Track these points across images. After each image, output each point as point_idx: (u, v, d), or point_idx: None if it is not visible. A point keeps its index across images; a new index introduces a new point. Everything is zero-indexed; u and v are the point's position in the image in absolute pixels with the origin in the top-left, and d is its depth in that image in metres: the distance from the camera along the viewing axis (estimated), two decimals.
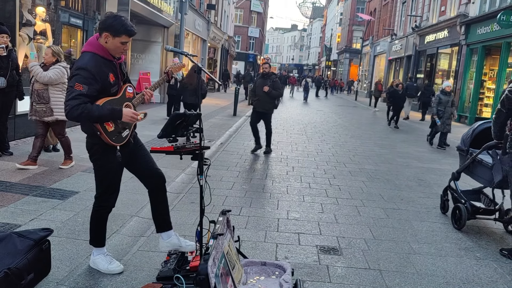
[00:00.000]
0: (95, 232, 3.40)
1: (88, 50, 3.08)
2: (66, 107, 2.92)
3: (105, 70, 3.08)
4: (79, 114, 2.92)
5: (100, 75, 3.03)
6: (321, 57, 76.62)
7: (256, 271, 3.38)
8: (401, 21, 31.14)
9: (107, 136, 3.11)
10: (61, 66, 6.03)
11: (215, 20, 29.01)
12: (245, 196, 5.81)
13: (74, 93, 2.91)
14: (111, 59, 3.16)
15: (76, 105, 2.90)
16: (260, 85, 8.55)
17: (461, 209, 4.94)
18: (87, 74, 2.96)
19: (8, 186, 5.15)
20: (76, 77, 2.96)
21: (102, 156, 3.24)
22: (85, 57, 3.05)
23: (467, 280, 3.77)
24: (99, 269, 3.36)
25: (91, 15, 11.36)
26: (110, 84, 3.12)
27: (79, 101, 2.91)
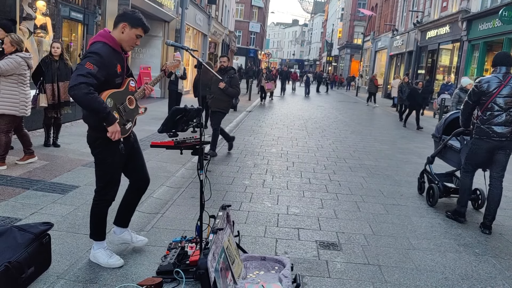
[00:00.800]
0: (95, 226, 3.42)
1: (99, 40, 3.17)
2: (75, 80, 2.92)
3: (114, 60, 3.18)
4: (84, 94, 2.91)
5: (110, 63, 3.12)
6: (322, 52, 76.46)
7: (255, 266, 3.39)
8: (402, 16, 31.03)
9: None
10: (19, 56, 5.54)
11: (216, 14, 28.93)
12: (245, 191, 5.82)
13: (84, 70, 2.95)
14: (120, 51, 3.26)
15: (86, 83, 2.92)
16: (216, 81, 7.57)
17: (434, 189, 5.72)
18: (99, 58, 3.04)
19: (8, 180, 5.17)
20: (88, 58, 3.03)
21: (105, 150, 3.26)
22: (97, 45, 3.14)
23: (466, 276, 3.78)
24: (99, 263, 3.38)
25: (92, 9, 11.34)
26: (116, 74, 3.21)
27: (88, 79, 2.93)
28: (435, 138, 6.30)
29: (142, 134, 8.05)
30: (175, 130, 3.26)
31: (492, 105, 4.81)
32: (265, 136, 10.64)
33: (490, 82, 4.82)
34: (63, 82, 6.78)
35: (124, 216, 3.65)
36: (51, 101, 6.74)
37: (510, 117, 4.78)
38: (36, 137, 7.67)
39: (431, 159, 6.19)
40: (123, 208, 3.64)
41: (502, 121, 4.78)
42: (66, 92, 6.83)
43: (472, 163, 5.17)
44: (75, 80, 2.92)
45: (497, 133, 4.79)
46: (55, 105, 6.83)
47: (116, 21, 3.25)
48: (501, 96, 4.76)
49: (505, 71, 4.85)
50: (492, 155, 4.94)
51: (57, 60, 6.73)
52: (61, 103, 6.90)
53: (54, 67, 6.68)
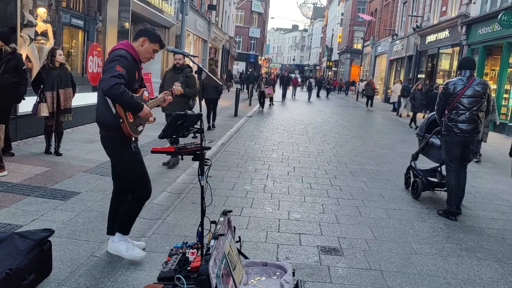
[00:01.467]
0: (127, 221, 3.63)
1: (121, 48, 3.46)
2: (110, 81, 3.19)
3: (134, 67, 3.49)
4: (121, 92, 3.22)
5: (131, 69, 3.42)
6: (322, 57, 76.62)
7: (257, 272, 3.38)
8: (402, 21, 31.12)
9: (127, 125, 3.38)
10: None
11: (216, 20, 29.03)
12: (246, 196, 5.82)
13: (116, 72, 3.24)
14: (138, 61, 3.57)
15: (120, 83, 3.22)
16: (170, 80, 6.77)
17: (418, 183, 6.21)
18: (126, 62, 3.36)
19: (9, 186, 5.16)
20: (117, 61, 3.31)
21: (124, 149, 3.48)
22: (121, 51, 3.42)
23: (468, 280, 3.77)
24: (121, 254, 3.57)
25: (92, 16, 11.38)
26: (135, 80, 3.52)
27: (121, 80, 3.23)
28: (419, 136, 6.84)
29: (143, 139, 8.05)
30: (175, 136, 3.27)
31: (457, 105, 5.36)
32: (265, 141, 10.64)
33: (456, 84, 5.40)
34: (63, 89, 6.73)
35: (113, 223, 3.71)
36: (51, 109, 6.67)
37: (473, 116, 5.32)
38: (37, 143, 7.68)
39: (415, 156, 6.66)
40: (115, 214, 3.72)
41: (466, 119, 5.33)
42: (66, 100, 6.80)
43: (452, 160, 5.53)
44: (110, 81, 3.20)
45: (461, 129, 5.34)
46: (54, 113, 6.74)
47: (137, 35, 3.58)
48: (465, 96, 5.33)
49: (469, 74, 5.42)
50: (464, 148, 5.44)
51: (57, 67, 6.68)
52: (61, 111, 6.82)
53: (54, 74, 6.63)
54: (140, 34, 3.55)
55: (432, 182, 6.30)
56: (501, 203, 6.35)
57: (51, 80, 6.61)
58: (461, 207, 5.67)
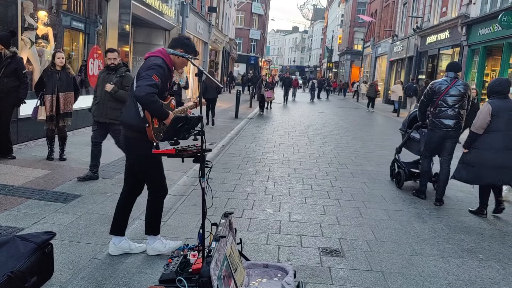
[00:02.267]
0: (156, 220, 3.81)
1: (159, 56, 3.59)
2: (145, 89, 3.32)
3: (167, 76, 3.61)
4: (154, 101, 3.36)
5: (165, 78, 3.55)
6: (323, 59, 76.62)
7: (258, 273, 3.38)
8: (402, 22, 31.13)
9: (152, 130, 3.50)
10: None
11: (216, 22, 29.06)
12: (247, 198, 5.82)
13: (152, 81, 3.38)
14: (171, 70, 3.69)
15: (153, 93, 3.36)
16: (102, 82, 5.90)
17: (401, 173, 6.91)
18: (162, 72, 3.48)
19: (11, 189, 5.17)
20: (154, 70, 3.44)
21: (146, 151, 3.57)
22: (158, 60, 3.55)
23: (470, 281, 3.77)
24: (161, 251, 3.79)
25: (93, 19, 11.40)
26: (166, 88, 3.64)
27: (155, 89, 3.37)
28: (402, 131, 7.49)
29: None
30: (176, 138, 3.28)
31: (441, 103, 5.96)
32: (266, 143, 10.65)
33: (441, 84, 6.01)
34: (64, 93, 6.61)
35: (120, 223, 3.82)
36: (50, 112, 6.55)
37: (455, 112, 5.92)
38: (38, 146, 7.70)
39: (398, 149, 7.26)
40: (119, 216, 3.81)
41: (448, 115, 5.92)
42: (66, 104, 6.68)
43: (429, 150, 6.29)
44: (145, 89, 3.33)
45: (444, 124, 5.94)
46: (54, 116, 6.62)
47: (173, 45, 3.68)
48: (448, 95, 5.93)
49: (453, 76, 6.03)
50: (442, 143, 6.07)
51: (59, 70, 6.57)
52: (61, 115, 6.68)
53: (55, 77, 6.53)
54: (177, 45, 3.66)
55: (414, 172, 6.97)
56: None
57: (52, 83, 6.52)
58: (458, 206, 5.67)
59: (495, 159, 5.37)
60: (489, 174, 5.44)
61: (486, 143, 5.42)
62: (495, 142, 5.38)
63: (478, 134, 5.47)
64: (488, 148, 5.42)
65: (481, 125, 5.42)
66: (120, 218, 3.81)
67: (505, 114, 5.35)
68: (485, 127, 5.40)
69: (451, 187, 7.02)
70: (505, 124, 5.35)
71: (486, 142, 5.43)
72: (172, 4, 17.86)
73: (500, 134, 5.36)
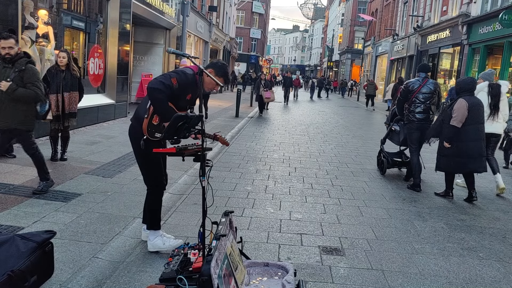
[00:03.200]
0: (154, 215, 3.88)
1: (191, 68, 3.73)
2: (157, 84, 3.45)
3: (190, 89, 3.68)
4: (160, 98, 3.45)
5: (185, 88, 3.63)
6: (323, 58, 76.61)
7: (258, 272, 3.38)
8: (402, 21, 31.12)
9: (147, 124, 3.58)
10: None
11: (217, 22, 29.06)
12: (248, 197, 5.82)
13: (169, 81, 3.49)
14: (199, 87, 3.67)
15: (163, 91, 3.44)
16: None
17: (384, 162, 7.71)
18: (184, 81, 3.57)
19: (11, 188, 5.17)
20: (176, 74, 3.59)
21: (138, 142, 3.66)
22: (190, 70, 3.69)
23: (470, 280, 3.77)
24: (161, 248, 3.82)
25: (93, 18, 11.40)
26: (184, 99, 3.70)
27: (167, 90, 3.46)
28: (386, 124, 8.25)
29: None
30: (177, 137, 3.27)
31: (415, 99, 6.80)
32: (267, 142, 10.64)
33: (414, 84, 6.88)
34: (68, 92, 6.54)
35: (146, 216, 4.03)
36: (55, 112, 6.48)
37: (426, 108, 6.75)
38: (39, 145, 7.67)
39: (383, 141, 8.01)
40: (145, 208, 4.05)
41: (421, 110, 6.76)
42: (71, 103, 6.62)
43: (413, 142, 6.93)
44: (157, 84, 3.45)
45: (417, 118, 6.78)
46: (59, 116, 6.56)
47: (208, 65, 3.86)
48: (421, 93, 6.76)
49: (424, 76, 6.89)
50: (419, 135, 6.82)
51: (63, 70, 6.47)
52: (66, 115, 6.62)
53: (60, 77, 6.44)
54: (210, 65, 3.83)
55: (396, 161, 7.73)
56: (503, 202, 6.34)
57: (56, 83, 6.42)
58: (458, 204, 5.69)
59: (475, 149, 5.96)
60: (472, 163, 6.00)
61: (466, 135, 5.95)
62: (472, 134, 5.95)
63: (458, 128, 5.92)
64: (468, 139, 5.96)
65: (461, 119, 5.90)
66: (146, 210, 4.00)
67: (476, 109, 5.97)
68: (463, 120, 5.90)
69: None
70: (477, 118, 5.99)
71: (465, 135, 5.95)
72: (173, 3, 17.85)
73: (474, 126, 5.97)
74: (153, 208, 3.90)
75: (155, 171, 3.84)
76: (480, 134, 6.02)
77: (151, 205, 3.90)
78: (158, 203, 3.93)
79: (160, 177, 3.89)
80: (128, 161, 7.03)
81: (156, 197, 3.91)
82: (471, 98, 6.03)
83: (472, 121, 5.94)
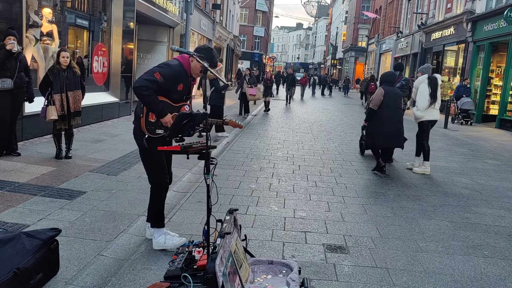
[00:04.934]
0: (157, 213, 3.92)
1: (178, 59, 3.76)
2: (140, 82, 3.50)
3: (179, 79, 3.69)
4: (146, 95, 3.50)
5: (174, 79, 3.64)
6: (327, 55, 76.45)
7: (263, 270, 3.38)
8: (406, 18, 31.00)
9: (144, 122, 3.66)
10: None
11: (220, 19, 29.04)
12: (252, 195, 5.82)
13: (152, 77, 3.53)
14: (189, 75, 3.78)
15: (148, 87, 3.49)
16: None
17: (363, 144, 8.95)
18: (169, 72, 3.60)
19: (16, 186, 5.20)
20: (159, 68, 3.61)
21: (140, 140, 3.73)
22: (174, 61, 3.72)
23: (475, 278, 3.76)
24: (164, 246, 3.83)
25: (97, 16, 11.42)
26: (175, 90, 3.70)
27: (151, 85, 3.51)
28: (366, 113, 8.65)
29: None
30: (181, 135, 3.28)
31: None
32: (270, 140, 10.64)
33: None
34: (72, 91, 6.53)
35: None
36: (61, 112, 6.44)
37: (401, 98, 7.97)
38: (43, 143, 7.73)
39: (363, 127, 8.76)
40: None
41: None
42: (75, 102, 6.60)
43: None
44: (141, 81, 3.50)
45: None
46: (65, 116, 6.53)
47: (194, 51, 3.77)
48: (396, 86, 7.97)
49: (399, 73, 8.74)
50: None
51: (65, 69, 6.44)
52: (71, 114, 6.61)
53: (62, 76, 6.40)
54: (194, 50, 3.73)
55: None
56: (508, 200, 6.32)
57: (60, 82, 6.40)
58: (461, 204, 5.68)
59: (389, 129, 7.21)
60: (385, 140, 7.31)
61: (379, 117, 7.23)
62: (387, 116, 7.20)
63: (374, 110, 7.26)
64: (383, 121, 7.19)
65: (376, 103, 7.23)
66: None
67: (392, 96, 7.29)
68: (378, 104, 7.20)
69: (456, 184, 7.01)
70: (392, 104, 7.26)
71: (379, 117, 7.24)
72: (176, 1, 17.86)
73: (389, 110, 7.22)
74: (156, 206, 3.92)
75: (158, 170, 3.86)
76: (392, 117, 7.23)
77: (155, 203, 3.92)
78: (161, 202, 3.94)
79: (163, 176, 3.90)
80: (133, 159, 7.05)
81: (159, 196, 3.93)
82: (389, 88, 7.40)
83: (386, 106, 7.19)
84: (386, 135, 7.18)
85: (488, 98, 18.37)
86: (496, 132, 15.26)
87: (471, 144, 11.89)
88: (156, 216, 3.93)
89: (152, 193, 3.94)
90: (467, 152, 10.45)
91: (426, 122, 7.66)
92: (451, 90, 22.16)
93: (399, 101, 7.46)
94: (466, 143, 12.03)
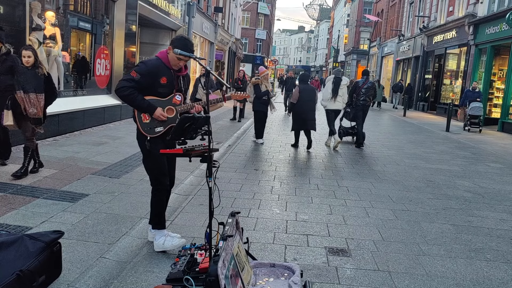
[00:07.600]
0: (157, 215, 3.93)
1: (157, 55, 3.83)
2: (119, 84, 3.60)
3: (160, 73, 3.72)
4: (126, 95, 3.59)
5: (153, 74, 3.69)
6: (329, 58, 76.49)
7: (265, 273, 3.39)
8: (408, 21, 31.01)
9: (140, 125, 3.72)
10: None
11: (222, 22, 29.09)
12: (254, 198, 5.83)
13: (128, 76, 3.65)
14: (170, 67, 3.78)
15: (127, 86, 3.59)
16: None
17: (341, 132, 11.15)
18: (144, 68, 3.67)
19: (19, 189, 5.21)
20: (135, 67, 3.73)
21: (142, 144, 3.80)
22: (152, 59, 3.81)
23: (477, 281, 3.75)
24: (166, 248, 3.85)
25: (100, 19, 11.46)
26: (159, 84, 3.72)
27: (129, 83, 3.59)
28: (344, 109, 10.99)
29: None
30: (184, 138, 3.29)
31: (360, 92, 10.56)
32: (272, 143, 10.65)
33: (359, 82, 10.76)
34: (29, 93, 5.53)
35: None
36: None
37: (366, 97, 10.52)
38: (45, 146, 7.73)
39: (341, 118, 11.24)
40: None
41: (363, 99, 10.53)
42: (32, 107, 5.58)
43: (358, 118, 10.68)
44: (119, 84, 3.61)
45: (361, 104, 10.54)
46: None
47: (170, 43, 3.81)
48: (364, 88, 10.57)
49: (366, 77, 10.84)
50: (362, 113, 10.63)
51: (29, 68, 5.53)
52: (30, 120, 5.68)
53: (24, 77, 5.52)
54: (170, 43, 3.77)
55: (348, 132, 11.37)
56: (511, 203, 6.31)
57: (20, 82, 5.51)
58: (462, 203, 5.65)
59: (304, 116, 9.53)
60: (301, 124, 9.71)
61: (297, 108, 9.58)
62: (298, 107, 9.56)
63: (294, 103, 9.65)
64: (300, 111, 9.58)
65: (295, 97, 9.62)
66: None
67: (306, 93, 9.64)
68: (297, 99, 9.56)
69: (458, 188, 7.00)
70: (307, 98, 9.57)
71: (297, 107, 9.60)
72: (179, 4, 17.90)
73: (304, 103, 9.54)
74: (157, 209, 3.94)
75: (158, 172, 3.87)
76: (305, 107, 9.51)
77: (155, 206, 3.94)
78: (161, 204, 3.95)
79: (164, 178, 3.91)
80: (135, 161, 7.06)
81: (159, 198, 3.94)
82: (304, 85, 9.85)
83: (301, 100, 9.54)
84: (303, 120, 9.56)
85: (490, 101, 18.35)
86: (498, 135, 15.24)
87: (473, 147, 11.88)
88: (157, 218, 3.95)
89: (153, 195, 3.95)
90: (469, 155, 10.44)
91: (330, 110, 10.46)
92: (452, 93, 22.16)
93: (313, 95, 9.75)
94: (468, 146, 12.02)
